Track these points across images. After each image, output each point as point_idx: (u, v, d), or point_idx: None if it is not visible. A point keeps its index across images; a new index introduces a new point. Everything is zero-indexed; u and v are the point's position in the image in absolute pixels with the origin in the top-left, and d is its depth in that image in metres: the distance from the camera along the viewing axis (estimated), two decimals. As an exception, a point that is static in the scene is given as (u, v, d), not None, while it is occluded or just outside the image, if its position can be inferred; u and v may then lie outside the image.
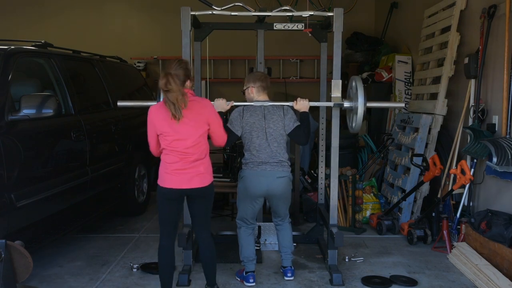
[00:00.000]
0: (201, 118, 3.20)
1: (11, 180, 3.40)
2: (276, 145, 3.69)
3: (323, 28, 4.59)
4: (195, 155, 3.19)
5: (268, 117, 3.71)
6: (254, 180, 3.68)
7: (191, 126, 3.15)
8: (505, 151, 4.03)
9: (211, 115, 3.28)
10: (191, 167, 3.18)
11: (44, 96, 3.64)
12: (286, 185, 3.73)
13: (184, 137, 3.15)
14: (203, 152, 3.23)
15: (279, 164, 3.69)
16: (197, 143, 3.18)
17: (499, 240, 3.84)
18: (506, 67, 4.23)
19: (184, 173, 3.18)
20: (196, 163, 3.20)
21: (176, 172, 3.18)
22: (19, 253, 2.63)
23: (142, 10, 8.89)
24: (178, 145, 3.15)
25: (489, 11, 4.52)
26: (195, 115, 3.17)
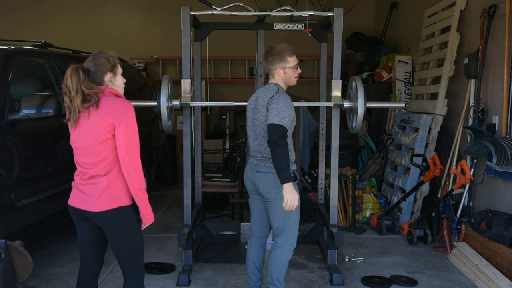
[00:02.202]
0: (104, 124, 2.48)
1: (11, 180, 3.39)
2: (261, 138, 3.20)
3: (323, 28, 4.60)
4: (92, 170, 2.52)
5: (258, 106, 3.21)
6: (245, 172, 3.46)
7: (89, 134, 2.52)
8: (505, 151, 4.03)
9: (122, 121, 2.49)
10: (87, 183, 2.55)
11: (44, 96, 3.64)
12: (268, 183, 3.18)
13: (79, 146, 2.59)
14: (105, 168, 2.51)
15: (263, 159, 3.21)
16: (94, 155, 2.51)
17: (499, 240, 3.84)
18: (506, 67, 4.23)
19: (80, 190, 2.59)
20: (92, 180, 2.53)
21: (75, 186, 2.63)
22: (19, 253, 2.63)
23: (142, 10, 8.88)
24: (77, 155, 2.62)
25: (489, 11, 4.52)
26: (97, 119, 2.49)
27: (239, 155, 5.72)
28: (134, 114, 2.58)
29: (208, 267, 4.13)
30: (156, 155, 6.36)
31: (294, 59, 3.21)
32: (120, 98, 2.62)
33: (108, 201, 2.52)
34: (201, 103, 4.90)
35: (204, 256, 4.33)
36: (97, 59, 2.59)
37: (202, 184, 5.03)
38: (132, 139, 2.55)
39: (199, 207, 4.77)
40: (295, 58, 3.21)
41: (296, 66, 3.22)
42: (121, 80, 2.68)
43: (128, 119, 2.53)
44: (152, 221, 2.63)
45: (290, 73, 3.20)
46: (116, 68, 2.64)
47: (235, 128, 8.75)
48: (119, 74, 2.67)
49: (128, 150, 2.52)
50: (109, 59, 2.61)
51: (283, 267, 3.26)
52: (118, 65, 2.66)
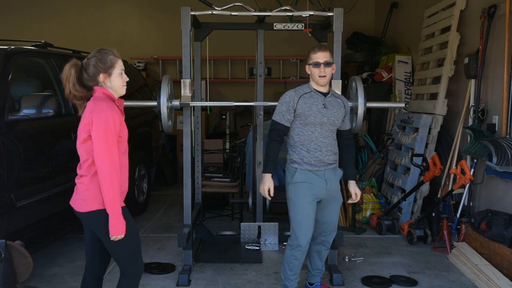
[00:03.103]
0: (83, 123, 2.49)
1: (11, 180, 3.39)
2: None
3: (323, 28, 4.59)
4: (80, 169, 2.54)
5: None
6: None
7: (78, 132, 2.53)
8: (505, 151, 4.03)
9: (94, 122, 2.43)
10: (77, 183, 2.57)
11: (44, 96, 3.64)
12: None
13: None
14: (88, 169, 2.49)
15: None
16: (80, 155, 2.53)
17: (499, 240, 3.84)
18: (506, 67, 4.23)
19: (75, 189, 2.60)
20: (80, 179, 2.54)
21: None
22: (19, 253, 2.63)
23: (142, 10, 8.89)
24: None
25: (489, 11, 4.53)
26: (82, 119, 2.52)
27: (239, 155, 5.72)
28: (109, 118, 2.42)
29: (208, 267, 4.13)
30: (156, 155, 6.37)
31: (317, 56, 3.20)
32: (104, 99, 2.49)
33: (89, 202, 2.49)
34: (201, 103, 4.91)
35: (204, 256, 4.33)
36: (93, 58, 2.53)
37: (202, 184, 5.03)
38: (100, 144, 2.42)
39: (199, 207, 4.77)
40: (318, 55, 3.19)
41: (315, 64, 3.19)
42: (118, 81, 2.56)
43: (98, 121, 2.42)
44: (120, 235, 2.45)
45: (311, 70, 3.23)
46: (112, 68, 2.53)
47: (235, 128, 8.75)
48: (115, 75, 2.54)
49: (97, 156, 2.43)
50: (105, 59, 2.52)
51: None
52: (115, 66, 2.53)
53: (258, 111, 4.66)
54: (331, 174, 3.27)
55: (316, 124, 3.19)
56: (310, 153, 3.20)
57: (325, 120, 3.20)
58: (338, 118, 3.26)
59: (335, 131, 3.30)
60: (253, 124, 5.08)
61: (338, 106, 3.27)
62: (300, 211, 3.20)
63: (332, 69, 3.23)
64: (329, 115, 3.21)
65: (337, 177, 3.34)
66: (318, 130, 3.20)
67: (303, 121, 3.20)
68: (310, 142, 3.20)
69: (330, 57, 3.21)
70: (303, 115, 3.19)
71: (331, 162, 3.26)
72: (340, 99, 3.33)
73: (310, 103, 3.19)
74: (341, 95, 3.41)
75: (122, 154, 2.57)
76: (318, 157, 3.19)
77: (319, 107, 3.19)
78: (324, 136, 3.22)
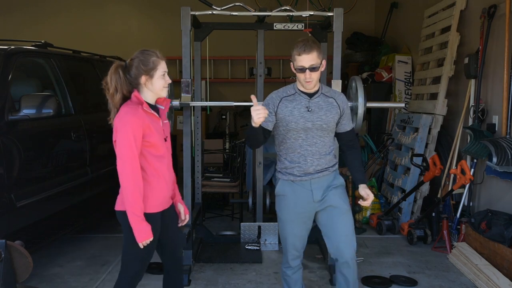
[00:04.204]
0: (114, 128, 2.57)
1: (11, 180, 3.39)
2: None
3: (323, 28, 4.60)
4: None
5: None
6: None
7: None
8: (505, 151, 4.03)
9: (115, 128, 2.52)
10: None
11: (44, 96, 3.64)
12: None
13: None
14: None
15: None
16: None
17: (499, 240, 3.84)
18: (506, 67, 4.23)
19: None
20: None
21: None
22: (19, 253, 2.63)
23: (142, 10, 8.89)
24: None
25: (489, 11, 4.53)
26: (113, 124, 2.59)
27: (239, 155, 5.72)
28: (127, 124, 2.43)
29: (208, 267, 4.13)
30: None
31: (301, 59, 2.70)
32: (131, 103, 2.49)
33: (119, 202, 2.56)
34: (201, 103, 4.90)
35: (204, 256, 4.33)
36: (136, 59, 2.51)
37: (202, 184, 5.03)
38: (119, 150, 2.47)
39: (199, 207, 4.77)
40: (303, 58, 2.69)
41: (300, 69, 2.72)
42: (159, 83, 2.52)
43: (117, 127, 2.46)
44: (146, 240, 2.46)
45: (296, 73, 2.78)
46: (154, 70, 2.50)
47: (235, 128, 8.75)
48: (157, 77, 2.51)
49: (117, 162, 2.47)
50: (148, 60, 2.49)
51: None
52: (157, 68, 2.51)
53: (258, 111, 4.65)
54: (321, 182, 2.86)
55: (299, 130, 2.78)
56: (292, 163, 2.83)
57: (309, 125, 2.78)
58: (327, 121, 2.81)
59: (328, 135, 2.86)
60: (253, 124, 5.07)
61: (329, 107, 2.82)
62: (283, 227, 2.93)
63: (319, 72, 2.74)
64: (314, 119, 2.78)
65: (333, 184, 2.90)
66: (302, 137, 2.80)
67: (284, 127, 2.80)
68: (293, 151, 2.82)
69: (316, 59, 2.70)
70: (283, 121, 2.79)
71: (320, 169, 2.84)
72: (333, 98, 2.86)
73: (292, 106, 2.79)
74: (337, 92, 2.94)
75: (155, 159, 2.54)
76: (302, 167, 2.82)
77: (301, 111, 2.78)
78: (310, 143, 2.81)
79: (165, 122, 2.65)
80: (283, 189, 2.89)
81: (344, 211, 2.87)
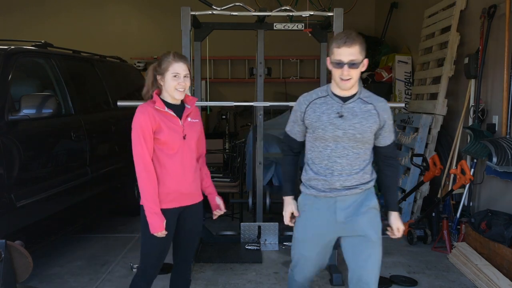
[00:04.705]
0: None
1: (11, 180, 3.39)
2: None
3: (323, 28, 4.60)
4: None
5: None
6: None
7: None
8: (505, 151, 4.03)
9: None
10: None
11: (44, 96, 3.64)
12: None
13: None
14: None
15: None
16: None
17: (499, 240, 3.84)
18: (506, 67, 4.23)
19: None
20: None
21: None
22: (19, 253, 2.63)
23: (142, 10, 8.89)
24: None
25: (489, 11, 4.53)
26: None
27: (239, 155, 5.72)
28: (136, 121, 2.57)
29: (208, 267, 4.13)
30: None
31: (340, 52, 2.34)
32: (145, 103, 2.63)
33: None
34: (201, 103, 4.90)
35: (204, 256, 4.33)
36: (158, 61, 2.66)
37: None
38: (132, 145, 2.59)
39: (199, 207, 4.76)
40: (343, 51, 2.33)
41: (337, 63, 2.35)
42: (169, 84, 2.59)
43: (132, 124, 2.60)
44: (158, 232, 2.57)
45: (332, 69, 2.42)
46: (166, 71, 2.58)
47: (235, 128, 8.75)
48: (167, 78, 2.59)
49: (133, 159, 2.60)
50: (162, 61, 2.60)
51: None
52: (168, 69, 2.58)
53: (258, 111, 4.66)
54: (349, 202, 2.47)
55: (327, 139, 2.43)
56: (317, 175, 2.47)
57: (339, 133, 2.41)
58: (362, 131, 2.41)
59: (362, 147, 2.46)
60: (253, 124, 5.08)
61: (366, 115, 2.43)
62: (297, 246, 2.59)
63: (359, 71, 2.39)
64: (346, 127, 2.40)
65: (364, 206, 2.49)
66: (331, 147, 2.43)
67: (311, 134, 2.49)
68: (320, 161, 2.46)
69: (358, 54, 2.34)
70: (311, 127, 2.48)
71: (349, 186, 2.46)
72: (372, 104, 2.46)
73: (320, 111, 2.45)
74: (378, 99, 2.51)
75: (166, 156, 2.60)
76: (328, 181, 2.44)
77: (331, 117, 2.42)
78: (340, 154, 2.43)
79: (191, 120, 2.70)
80: (303, 204, 2.56)
81: (373, 243, 2.47)
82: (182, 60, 2.61)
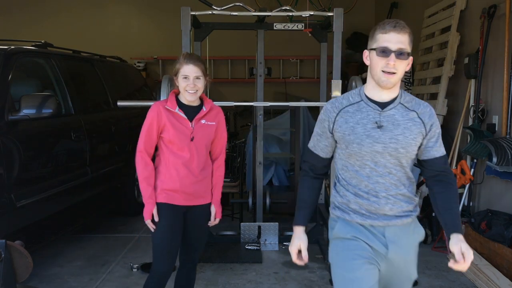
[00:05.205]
0: None
1: (11, 180, 3.39)
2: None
3: (323, 28, 4.60)
4: None
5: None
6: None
7: None
8: (505, 151, 4.03)
9: None
10: None
11: (44, 96, 3.64)
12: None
13: None
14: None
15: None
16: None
17: (499, 240, 3.84)
18: (506, 67, 4.23)
19: None
20: None
21: None
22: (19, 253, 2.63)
23: (142, 10, 8.89)
24: None
25: (489, 11, 4.53)
26: None
27: (239, 155, 5.72)
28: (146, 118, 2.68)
29: (208, 267, 4.13)
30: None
31: (386, 38, 1.91)
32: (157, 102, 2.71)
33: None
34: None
35: (204, 256, 4.32)
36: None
37: (202, 184, 5.02)
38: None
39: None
40: (390, 37, 1.90)
41: (382, 50, 1.91)
42: (180, 85, 2.65)
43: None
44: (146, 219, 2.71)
45: (373, 60, 1.97)
46: (178, 72, 2.64)
47: (235, 128, 8.75)
48: (179, 79, 2.64)
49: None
50: (176, 62, 2.65)
51: None
52: (179, 70, 2.63)
53: (258, 111, 4.66)
54: (400, 234, 2.04)
55: (364, 155, 1.98)
56: (359, 198, 2.01)
57: (378, 148, 1.96)
58: (406, 144, 1.97)
59: (407, 163, 2.03)
60: (253, 124, 5.08)
61: (408, 124, 1.99)
62: (345, 275, 2.00)
63: (405, 66, 1.97)
64: (386, 140, 1.96)
65: (413, 240, 2.15)
66: (370, 165, 1.99)
67: (344, 150, 2.02)
68: (358, 182, 2.01)
69: (407, 44, 1.92)
70: (343, 141, 2.01)
71: (399, 213, 2.03)
72: (416, 112, 2.02)
73: (354, 121, 1.98)
74: (421, 104, 2.06)
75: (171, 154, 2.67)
76: (373, 205, 2.00)
77: (367, 128, 1.97)
78: (382, 173, 1.99)
79: (205, 123, 2.71)
80: (344, 230, 2.05)
81: (411, 280, 2.20)
82: (192, 62, 2.62)
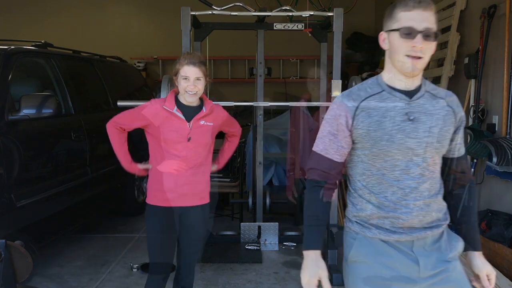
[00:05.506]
0: None
1: (11, 180, 3.39)
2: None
3: (323, 28, 4.59)
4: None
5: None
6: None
7: None
8: (505, 151, 4.03)
9: None
10: None
11: (44, 96, 3.64)
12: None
13: None
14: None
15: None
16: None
17: (499, 240, 3.84)
18: (506, 67, 4.23)
19: None
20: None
21: None
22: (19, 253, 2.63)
23: (142, 10, 8.89)
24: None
25: (489, 11, 4.52)
26: None
27: (239, 155, 5.72)
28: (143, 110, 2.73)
29: (208, 267, 4.13)
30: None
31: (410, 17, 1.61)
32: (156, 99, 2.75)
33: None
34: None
35: (204, 256, 4.32)
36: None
37: (202, 184, 5.02)
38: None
39: (199, 207, 4.76)
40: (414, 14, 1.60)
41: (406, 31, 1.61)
42: (179, 86, 2.63)
43: None
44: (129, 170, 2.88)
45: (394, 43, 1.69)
46: (177, 73, 2.62)
47: (235, 128, 8.75)
48: (178, 79, 2.63)
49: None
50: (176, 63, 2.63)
51: None
52: (179, 71, 2.61)
53: (258, 111, 4.66)
54: (432, 246, 1.72)
55: (395, 154, 1.66)
56: (382, 210, 1.69)
57: (412, 144, 1.65)
58: (441, 137, 1.69)
59: (438, 162, 1.74)
60: (253, 124, 5.08)
61: (441, 113, 1.70)
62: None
63: (432, 50, 1.65)
64: (419, 134, 1.66)
65: (451, 248, 1.76)
66: (401, 165, 1.67)
67: (368, 150, 1.69)
68: (384, 188, 1.69)
69: (434, 23, 1.62)
70: (366, 139, 1.68)
71: (430, 223, 1.71)
72: (444, 100, 1.74)
73: (379, 114, 1.66)
74: (445, 91, 1.81)
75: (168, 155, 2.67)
76: (401, 217, 1.67)
77: (396, 121, 1.65)
78: (413, 176, 1.67)
79: (205, 123, 2.69)
80: (362, 251, 1.73)
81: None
82: (192, 63, 2.58)
